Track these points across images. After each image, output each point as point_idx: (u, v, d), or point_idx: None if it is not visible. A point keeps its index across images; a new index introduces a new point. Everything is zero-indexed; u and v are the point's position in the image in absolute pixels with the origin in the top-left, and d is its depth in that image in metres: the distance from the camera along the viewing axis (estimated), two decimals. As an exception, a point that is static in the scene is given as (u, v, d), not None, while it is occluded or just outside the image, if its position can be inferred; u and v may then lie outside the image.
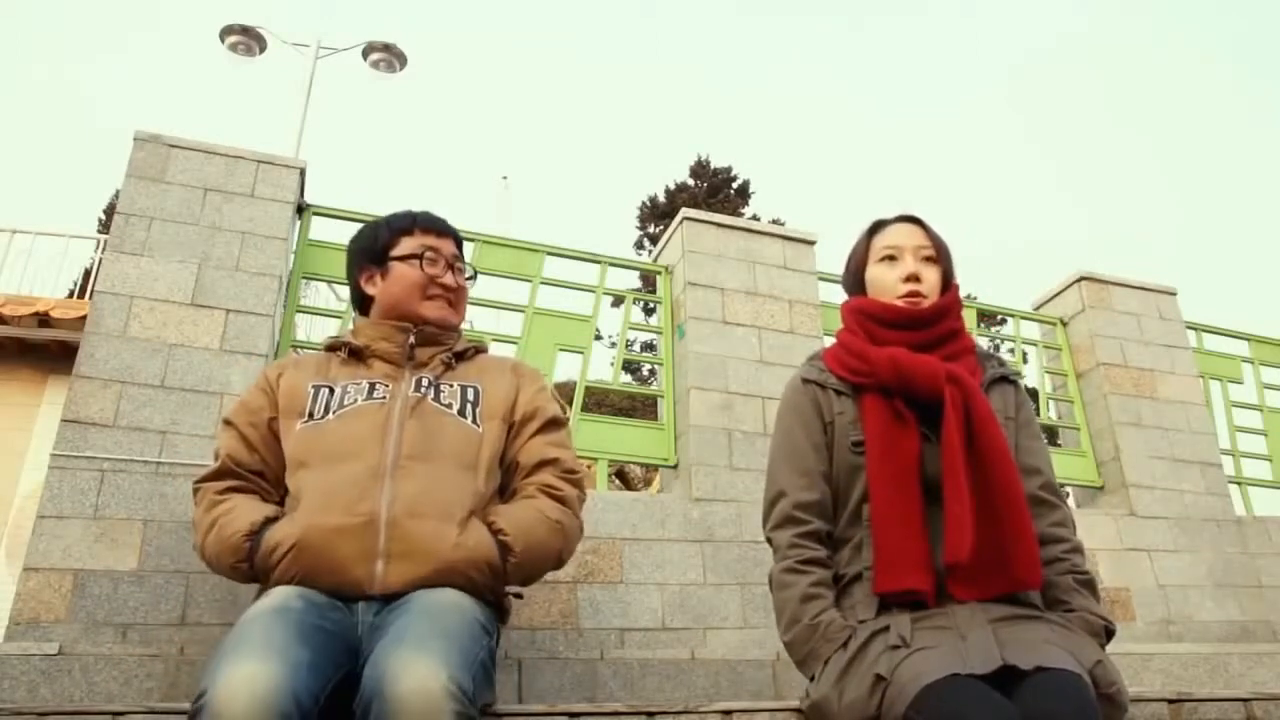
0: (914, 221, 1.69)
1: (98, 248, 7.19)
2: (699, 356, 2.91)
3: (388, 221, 1.83)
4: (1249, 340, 4.05)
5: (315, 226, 2.80)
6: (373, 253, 1.79)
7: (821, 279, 3.25)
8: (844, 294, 1.77)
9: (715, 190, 21.44)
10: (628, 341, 3.26)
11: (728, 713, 1.47)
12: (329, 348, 1.76)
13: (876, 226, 1.72)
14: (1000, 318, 3.96)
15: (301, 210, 2.78)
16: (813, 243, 3.29)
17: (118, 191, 2.74)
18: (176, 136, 2.61)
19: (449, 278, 1.78)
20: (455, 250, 1.83)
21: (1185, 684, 2.63)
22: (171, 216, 2.50)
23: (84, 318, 3.13)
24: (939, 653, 1.26)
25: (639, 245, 21.39)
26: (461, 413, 1.64)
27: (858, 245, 1.73)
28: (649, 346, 12.07)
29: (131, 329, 2.34)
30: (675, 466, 2.87)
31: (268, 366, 1.88)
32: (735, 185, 21.87)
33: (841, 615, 1.43)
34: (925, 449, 1.47)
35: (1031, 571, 1.39)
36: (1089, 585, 1.47)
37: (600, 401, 11.24)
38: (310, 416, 1.61)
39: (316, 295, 4.96)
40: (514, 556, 1.51)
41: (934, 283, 1.63)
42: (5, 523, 5.52)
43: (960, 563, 1.35)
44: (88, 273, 7.31)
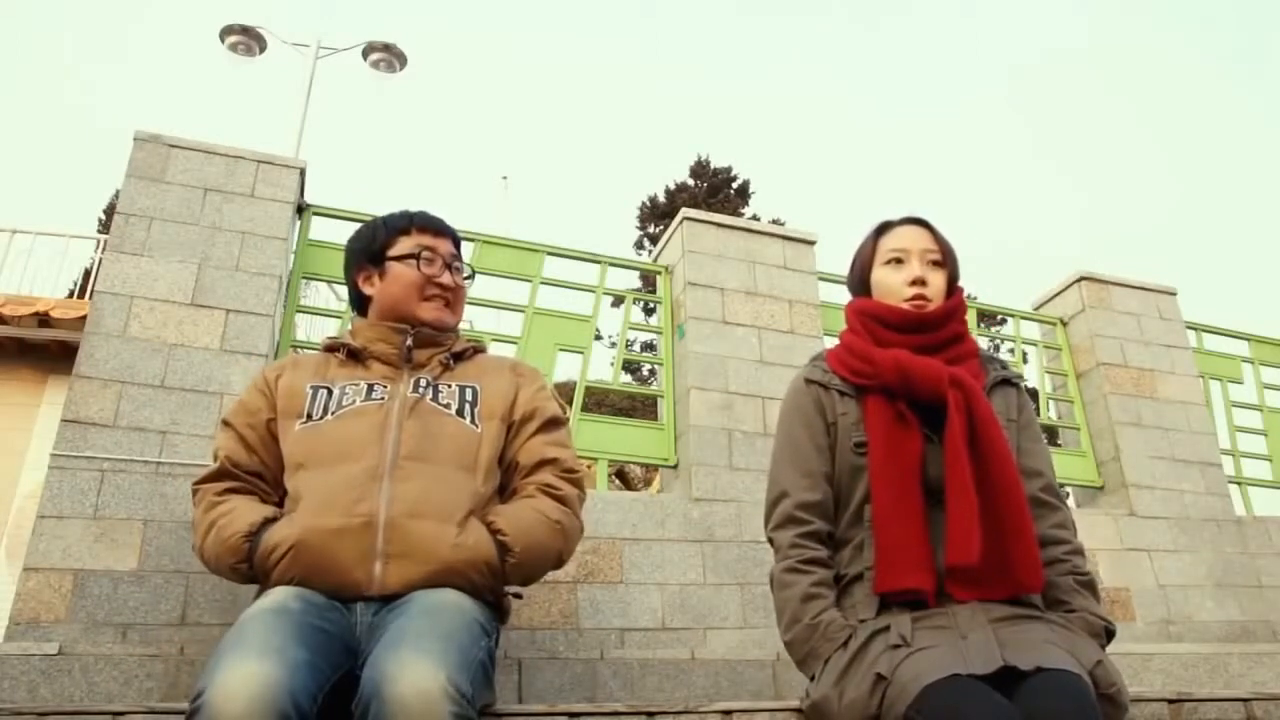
0: (921, 224, 1.68)
1: (98, 248, 7.20)
2: (699, 356, 2.91)
3: (385, 221, 1.82)
4: (1249, 340, 4.05)
5: (315, 226, 2.80)
6: (370, 253, 1.78)
7: (822, 279, 3.24)
8: (847, 294, 1.77)
9: (715, 190, 21.43)
10: (628, 341, 3.26)
11: (728, 713, 1.47)
12: (327, 348, 1.75)
13: (883, 228, 1.71)
14: (1000, 318, 3.97)
15: (301, 210, 2.78)
16: (813, 243, 3.29)
17: (118, 191, 2.74)
18: (176, 136, 2.61)
19: (446, 277, 1.77)
20: (453, 250, 1.82)
21: (1185, 684, 2.62)
22: (171, 216, 2.50)
23: (84, 318, 3.14)
24: (939, 652, 1.26)
25: (639, 245, 21.38)
26: (460, 413, 1.64)
27: (864, 246, 1.72)
28: (649, 346, 12.08)
29: (131, 329, 2.34)
30: (675, 466, 2.87)
31: (266, 367, 1.87)
32: (735, 185, 21.85)
33: (842, 615, 1.43)
34: (927, 451, 1.47)
35: (1032, 574, 1.39)
36: (1089, 586, 1.48)
37: (600, 401, 11.24)
38: (309, 417, 1.60)
39: (316, 295, 4.96)
40: (513, 557, 1.51)
41: (940, 286, 1.62)
42: (5, 523, 5.53)
43: (968, 565, 1.35)
44: (88, 273, 7.31)
